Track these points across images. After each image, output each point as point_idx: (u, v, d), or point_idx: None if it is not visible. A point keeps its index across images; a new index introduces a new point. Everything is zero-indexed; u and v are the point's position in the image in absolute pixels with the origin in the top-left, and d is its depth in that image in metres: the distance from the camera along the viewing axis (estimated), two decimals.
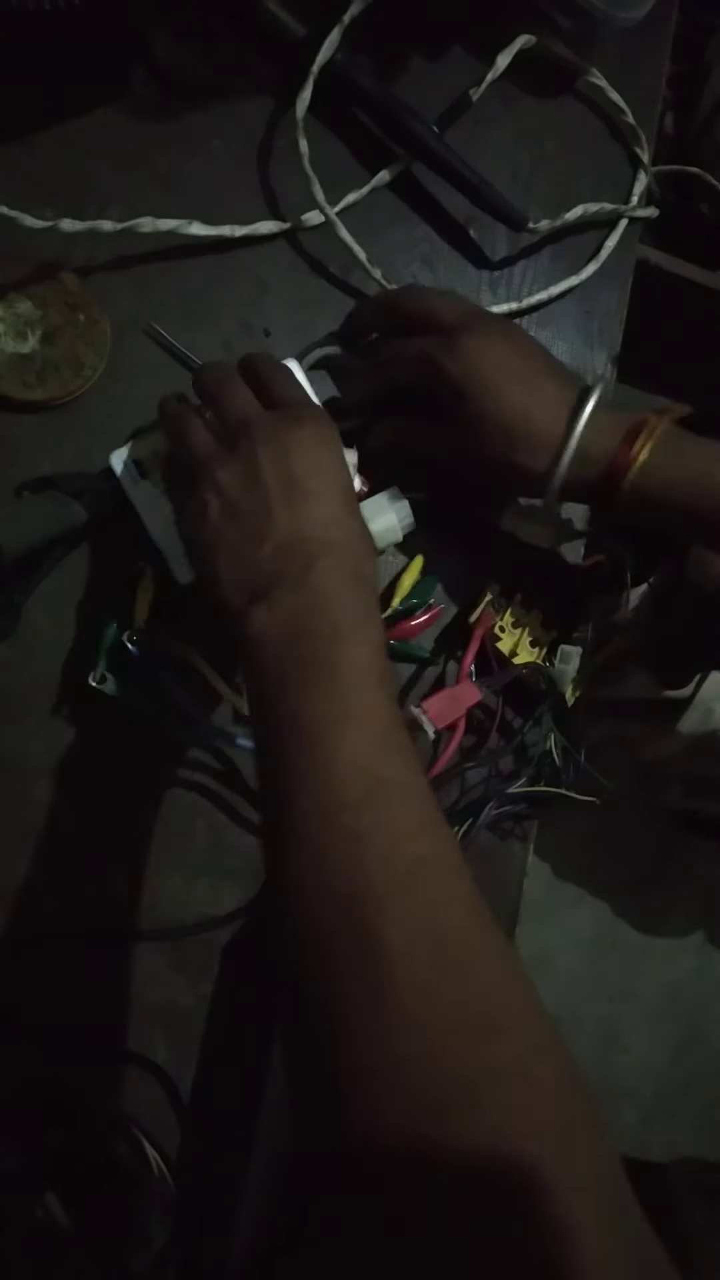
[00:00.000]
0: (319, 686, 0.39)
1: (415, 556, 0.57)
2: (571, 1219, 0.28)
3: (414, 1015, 0.32)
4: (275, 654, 0.40)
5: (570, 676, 0.57)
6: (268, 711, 0.40)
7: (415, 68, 0.62)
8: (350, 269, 0.59)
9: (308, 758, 0.38)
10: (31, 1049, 0.52)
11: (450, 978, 0.33)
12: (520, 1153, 0.30)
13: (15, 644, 0.53)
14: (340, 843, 0.36)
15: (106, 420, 0.55)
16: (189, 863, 0.55)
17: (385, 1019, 0.32)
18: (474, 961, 0.35)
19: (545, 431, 0.49)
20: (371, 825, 0.36)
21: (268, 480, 0.43)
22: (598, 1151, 0.31)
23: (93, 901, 0.54)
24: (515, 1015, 0.34)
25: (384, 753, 0.38)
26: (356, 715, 0.39)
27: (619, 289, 0.64)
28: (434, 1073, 0.32)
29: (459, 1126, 0.31)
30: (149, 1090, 0.53)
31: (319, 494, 0.44)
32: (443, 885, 0.36)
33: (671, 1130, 1.46)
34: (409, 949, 0.33)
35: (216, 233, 0.55)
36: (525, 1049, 0.33)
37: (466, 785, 0.57)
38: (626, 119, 0.64)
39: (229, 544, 0.43)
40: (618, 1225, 0.30)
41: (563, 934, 1.48)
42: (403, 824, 0.37)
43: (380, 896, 0.34)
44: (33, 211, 0.50)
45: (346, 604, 0.41)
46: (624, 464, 0.48)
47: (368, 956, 0.33)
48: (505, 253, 0.62)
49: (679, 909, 1.53)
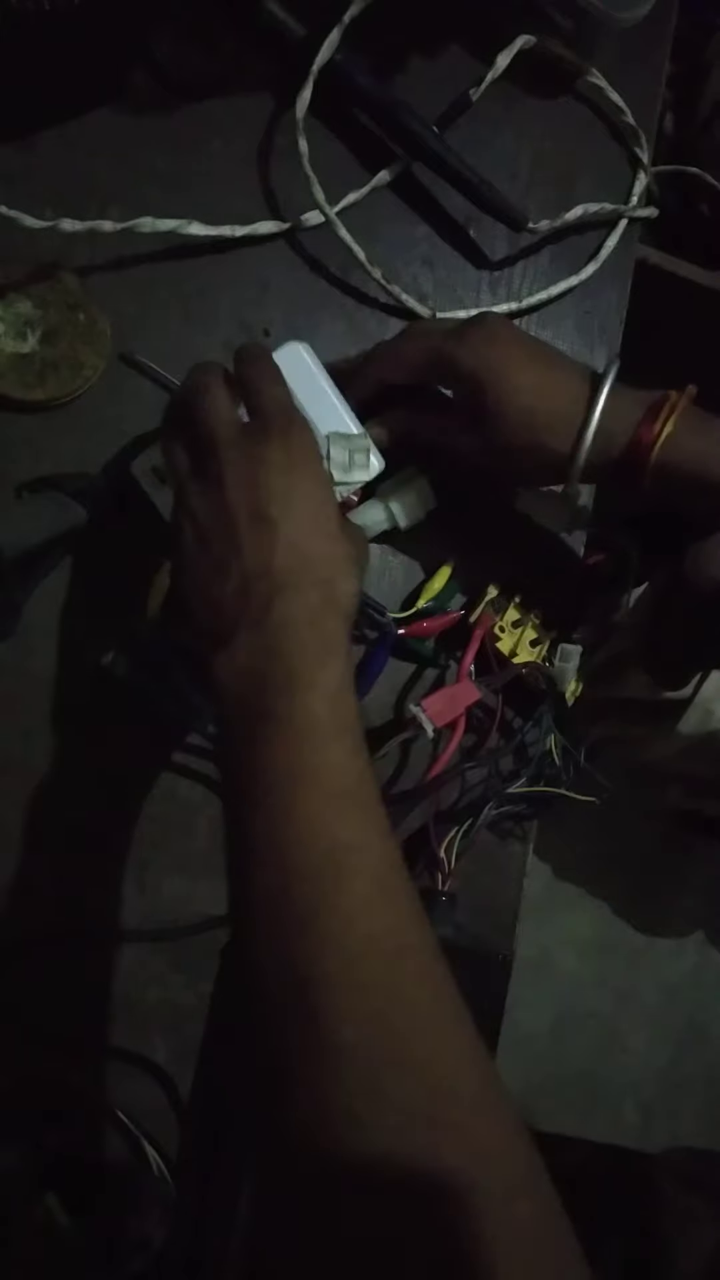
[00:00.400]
0: (273, 743, 0.38)
1: (444, 564, 0.58)
2: (479, 1192, 0.31)
3: (357, 1114, 0.33)
4: (235, 706, 0.40)
5: (570, 676, 0.57)
6: (230, 765, 0.40)
7: (415, 68, 0.62)
8: (350, 269, 0.59)
9: (264, 821, 0.37)
10: (31, 1049, 0.52)
11: (394, 1076, 0.33)
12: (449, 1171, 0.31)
13: (15, 644, 0.53)
14: (293, 920, 0.36)
15: (106, 420, 0.55)
16: (190, 863, 0.55)
17: (330, 1109, 0.33)
18: (420, 1053, 0.34)
19: (566, 411, 0.49)
20: (324, 900, 0.36)
21: (234, 505, 0.42)
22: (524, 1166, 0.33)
23: (93, 901, 0.54)
24: (464, 1113, 0.34)
25: (340, 815, 0.38)
26: (312, 775, 0.38)
27: (619, 289, 0.64)
28: (371, 1161, 0.32)
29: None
30: (149, 1090, 0.53)
31: (286, 518, 0.42)
32: (394, 968, 0.36)
33: (672, 1129, 1.46)
34: (355, 1042, 0.33)
35: (216, 233, 0.55)
36: (474, 1148, 0.33)
37: (466, 785, 0.57)
38: (626, 119, 0.64)
39: (199, 577, 0.42)
40: (527, 1198, 0.32)
41: (563, 934, 1.47)
42: (357, 894, 0.36)
43: (331, 981, 0.34)
44: (33, 211, 0.50)
45: (306, 643, 0.40)
46: (649, 439, 0.48)
47: (318, 1046, 0.34)
48: (505, 253, 0.62)
49: (679, 909, 1.53)
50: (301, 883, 0.36)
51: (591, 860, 1.49)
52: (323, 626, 0.41)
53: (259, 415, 0.44)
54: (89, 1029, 0.53)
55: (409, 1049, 0.34)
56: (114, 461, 0.54)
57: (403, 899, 0.38)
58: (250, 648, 0.40)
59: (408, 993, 0.35)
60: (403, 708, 0.58)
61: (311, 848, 0.37)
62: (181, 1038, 0.54)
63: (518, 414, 0.50)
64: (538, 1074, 1.43)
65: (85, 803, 0.54)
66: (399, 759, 0.58)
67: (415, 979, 0.36)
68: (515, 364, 0.50)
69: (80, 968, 0.54)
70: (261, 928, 0.36)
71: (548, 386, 0.50)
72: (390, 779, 0.58)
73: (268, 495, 0.42)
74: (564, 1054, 1.45)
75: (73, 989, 0.53)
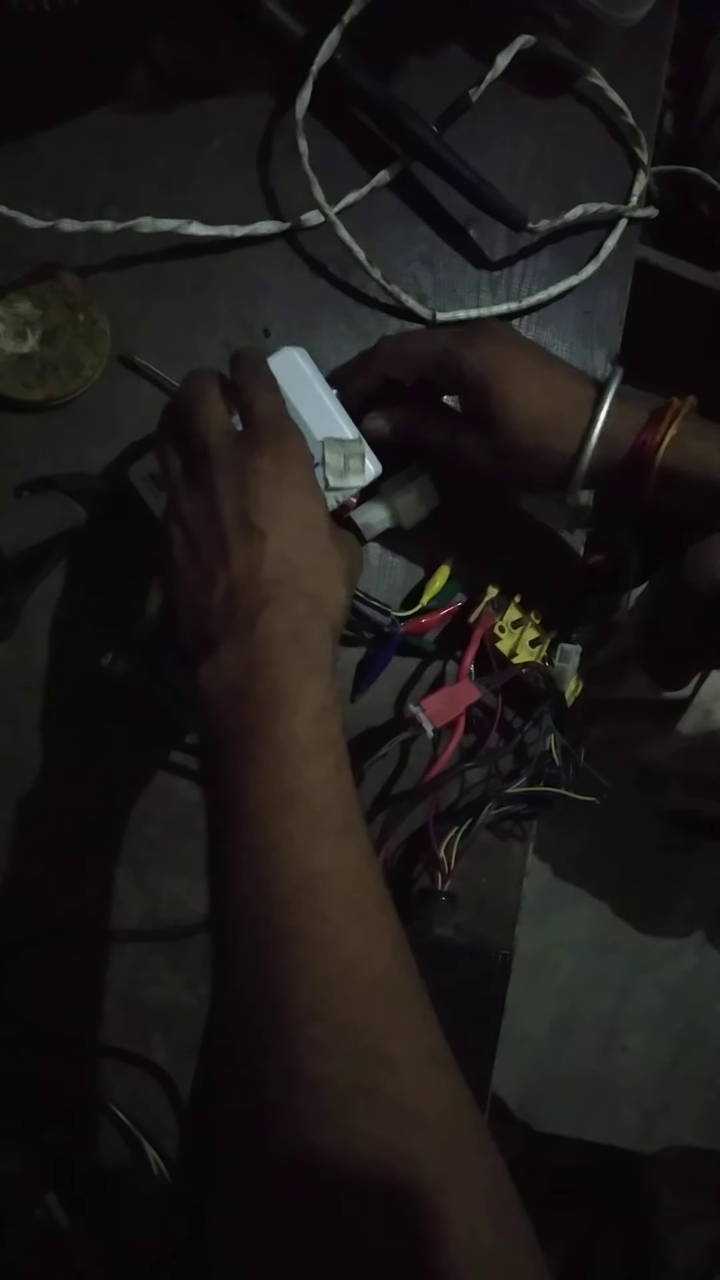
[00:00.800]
0: (254, 761, 0.38)
1: (444, 563, 0.58)
2: (447, 1221, 0.31)
3: (325, 1145, 0.33)
4: (218, 719, 0.40)
5: (570, 676, 0.57)
6: (212, 778, 0.40)
7: (415, 68, 0.62)
8: (350, 269, 0.59)
9: (244, 844, 0.37)
10: (31, 1049, 0.52)
11: (364, 1107, 0.33)
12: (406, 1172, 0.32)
13: (15, 644, 0.53)
14: (269, 947, 0.36)
15: (106, 420, 0.55)
16: (190, 863, 0.55)
17: (297, 1138, 0.33)
18: (390, 1086, 0.34)
19: (570, 415, 0.50)
20: (300, 928, 0.36)
21: (225, 514, 0.42)
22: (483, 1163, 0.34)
23: (93, 901, 0.54)
24: (434, 1143, 0.34)
25: (318, 839, 0.38)
26: (292, 797, 0.38)
27: (619, 289, 0.64)
28: (337, 1192, 0.32)
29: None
30: (149, 1090, 0.53)
31: (275, 529, 0.42)
32: (368, 998, 0.36)
33: (672, 1129, 1.46)
34: (327, 1075, 0.34)
35: (216, 233, 0.55)
36: (442, 1179, 0.33)
37: (466, 785, 0.57)
38: (626, 119, 0.64)
39: (188, 584, 0.42)
40: (495, 1228, 0.32)
41: (563, 934, 1.48)
42: (334, 922, 0.36)
43: (304, 1012, 0.34)
44: (33, 211, 0.50)
45: (291, 660, 0.40)
46: (653, 443, 0.49)
47: (288, 1075, 0.34)
48: (505, 253, 0.62)
49: (679, 909, 1.53)
50: (277, 909, 0.36)
51: (591, 860, 1.49)
52: (308, 641, 0.41)
53: (251, 425, 0.44)
54: (89, 1029, 0.53)
55: (379, 1081, 0.34)
56: (112, 466, 0.55)
57: (381, 924, 0.38)
58: (235, 661, 0.40)
59: (381, 1024, 0.35)
60: (403, 707, 0.58)
61: (289, 874, 0.37)
62: (181, 1038, 0.54)
63: (522, 418, 0.50)
64: (538, 1074, 1.43)
65: (85, 802, 0.54)
66: (399, 759, 0.58)
67: (390, 1010, 0.36)
68: (520, 368, 0.50)
69: (80, 968, 0.54)
70: (237, 950, 0.36)
71: (552, 391, 0.50)
72: (390, 779, 0.58)
73: (257, 505, 0.42)
74: (564, 1054, 1.45)
75: (72, 989, 0.53)
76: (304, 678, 0.40)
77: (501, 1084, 1.33)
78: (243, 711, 0.39)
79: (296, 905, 0.36)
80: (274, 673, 0.40)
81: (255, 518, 0.42)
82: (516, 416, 0.50)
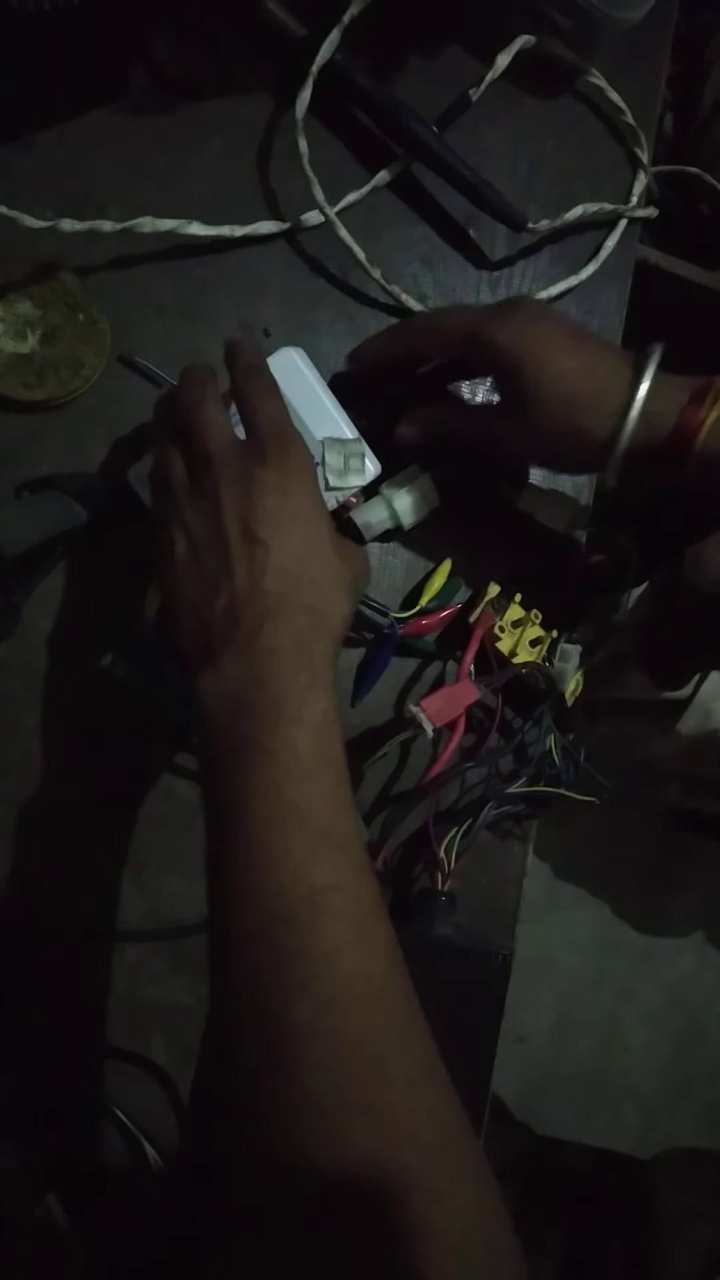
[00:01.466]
0: (255, 775, 0.38)
1: (444, 560, 0.58)
2: (439, 1233, 0.32)
3: (315, 1158, 0.33)
4: (219, 730, 0.39)
5: (570, 676, 0.57)
6: (211, 790, 0.39)
7: (415, 68, 0.62)
8: (350, 269, 0.59)
9: (243, 858, 0.37)
10: (31, 1048, 0.52)
11: (356, 1122, 0.34)
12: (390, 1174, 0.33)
13: (15, 644, 0.53)
14: (268, 963, 0.36)
15: (106, 420, 0.55)
16: (189, 863, 0.55)
17: (288, 1150, 0.33)
18: (379, 1100, 0.34)
19: (609, 394, 0.48)
20: (298, 944, 0.36)
21: (228, 525, 0.42)
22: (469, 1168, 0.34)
23: (93, 901, 0.54)
24: (424, 1159, 0.34)
25: (319, 854, 0.38)
26: (292, 813, 0.38)
27: (619, 289, 0.64)
28: (326, 1203, 0.33)
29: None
30: (149, 1090, 0.53)
31: (278, 541, 0.41)
32: (365, 1014, 0.36)
33: (672, 1128, 1.46)
34: (321, 1090, 0.34)
35: (216, 233, 0.56)
36: (431, 1194, 0.33)
37: (466, 785, 0.57)
38: (626, 119, 0.64)
39: (189, 592, 0.42)
40: (485, 1240, 0.33)
41: (563, 934, 1.48)
42: (333, 938, 0.36)
43: (301, 1027, 0.35)
44: (33, 211, 0.50)
45: (292, 671, 0.40)
46: (694, 424, 0.46)
47: (283, 1090, 0.34)
48: (505, 253, 0.62)
49: (679, 909, 1.53)
50: (277, 925, 0.36)
51: (591, 860, 1.49)
52: (310, 654, 0.41)
53: (255, 434, 0.44)
54: (89, 1029, 0.53)
55: (375, 1096, 0.34)
56: (108, 464, 0.55)
57: (378, 938, 0.38)
58: (236, 673, 0.40)
59: (377, 1039, 0.35)
60: (403, 707, 0.58)
61: (288, 890, 0.37)
62: (181, 1038, 0.54)
63: (558, 397, 0.48)
64: (538, 1074, 1.43)
65: (85, 802, 0.54)
66: (399, 759, 0.58)
67: (386, 1025, 0.36)
68: (556, 347, 0.49)
69: (80, 968, 0.54)
70: (236, 962, 0.36)
71: (589, 369, 0.48)
72: (390, 779, 0.58)
73: (261, 516, 0.42)
74: (564, 1054, 1.45)
75: (72, 989, 0.53)
76: (305, 691, 0.40)
77: (501, 1084, 1.33)
78: (243, 724, 0.39)
79: (295, 922, 0.36)
80: (275, 685, 0.39)
81: (258, 529, 0.41)
82: (550, 397, 0.48)
